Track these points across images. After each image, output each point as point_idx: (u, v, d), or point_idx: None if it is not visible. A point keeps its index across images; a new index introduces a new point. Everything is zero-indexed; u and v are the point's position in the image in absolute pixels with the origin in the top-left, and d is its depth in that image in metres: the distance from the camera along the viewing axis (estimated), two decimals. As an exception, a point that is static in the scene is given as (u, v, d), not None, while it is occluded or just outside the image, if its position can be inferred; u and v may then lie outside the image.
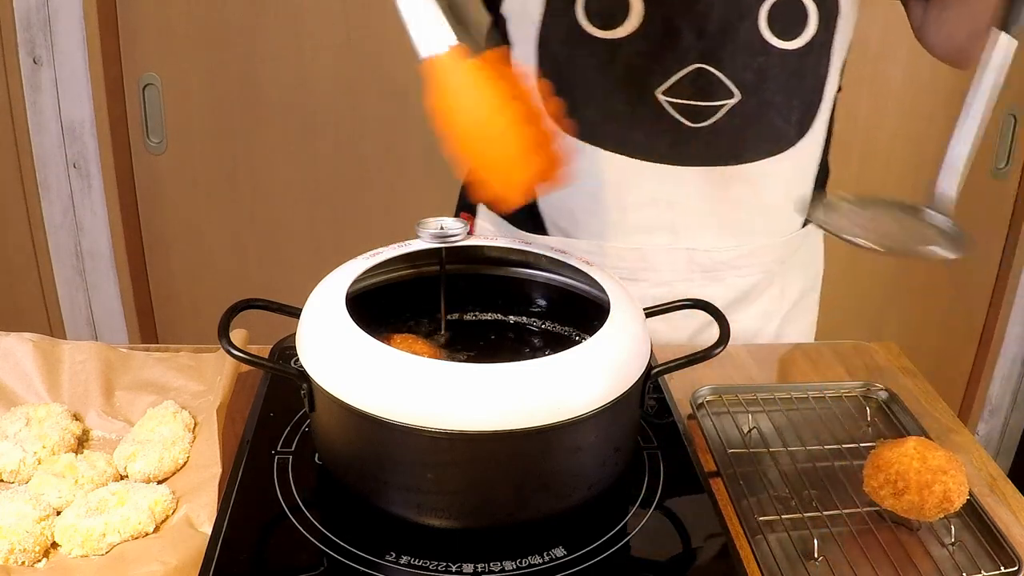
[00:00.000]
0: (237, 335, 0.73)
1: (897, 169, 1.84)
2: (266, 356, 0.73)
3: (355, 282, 0.62)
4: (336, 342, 0.56)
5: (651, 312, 0.66)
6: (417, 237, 0.66)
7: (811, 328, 1.05)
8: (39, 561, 0.57)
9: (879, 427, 0.77)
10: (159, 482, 0.64)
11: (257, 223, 1.79)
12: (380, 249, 0.66)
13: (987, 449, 0.94)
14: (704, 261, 0.89)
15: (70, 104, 1.63)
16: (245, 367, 0.73)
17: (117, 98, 1.67)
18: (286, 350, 0.77)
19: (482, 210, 0.96)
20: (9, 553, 0.55)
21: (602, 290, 0.63)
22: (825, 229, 0.65)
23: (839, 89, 0.92)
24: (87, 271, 1.78)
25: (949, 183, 0.65)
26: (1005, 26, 0.62)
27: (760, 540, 0.62)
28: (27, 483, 0.63)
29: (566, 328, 0.72)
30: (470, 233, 0.66)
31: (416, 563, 0.56)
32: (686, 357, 0.62)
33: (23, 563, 0.56)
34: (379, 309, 0.67)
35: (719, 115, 0.81)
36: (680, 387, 0.79)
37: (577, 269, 0.67)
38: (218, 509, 0.60)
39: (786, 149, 0.86)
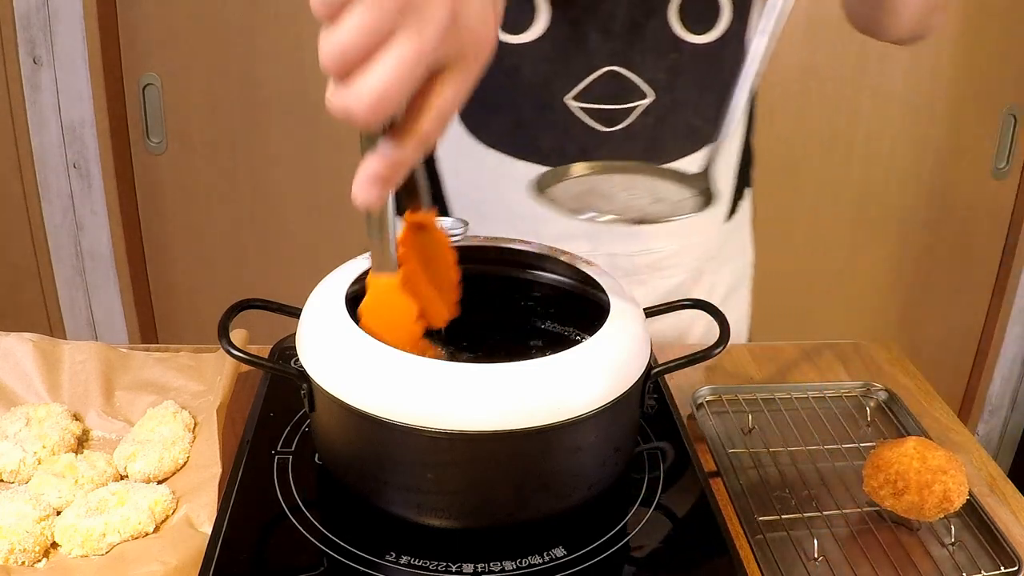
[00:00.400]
0: (237, 335, 0.73)
1: (898, 170, 1.85)
2: (266, 356, 0.73)
3: (355, 282, 0.62)
4: (336, 342, 0.56)
5: (651, 312, 0.66)
6: None
7: (744, 324, 1.02)
8: (39, 561, 0.57)
9: (879, 427, 0.77)
10: (159, 482, 0.64)
11: (257, 223, 1.79)
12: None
13: (987, 449, 0.94)
14: (627, 266, 0.87)
15: (70, 104, 1.63)
16: (245, 367, 0.73)
17: (117, 98, 1.67)
18: (286, 350, 0.77)
19: None
20: (9, 553, 0.55)
21: (602, 290, 0.63)
22: (551, 208, 0.58)
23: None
24: (87, 271, 1.78)
25: (723, 131, 0.61)
26: None
27: (760, 540, 0.62)
28: (27, 483, 0.63)
29: (566, 328, 0.72)
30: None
31: (416, 563, 0.56)
32: (686, 357, 0.62)
33: (23, 563, 0.56)
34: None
35: (632, 117, 0.79)
36: (680, 387, 0.79)
37: (577, 269, 0.67)
38: (218, 509, 0.60)
39: (704, 145, 0.83)
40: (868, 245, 1.92)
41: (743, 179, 0.94)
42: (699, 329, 0.96)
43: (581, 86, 0.78)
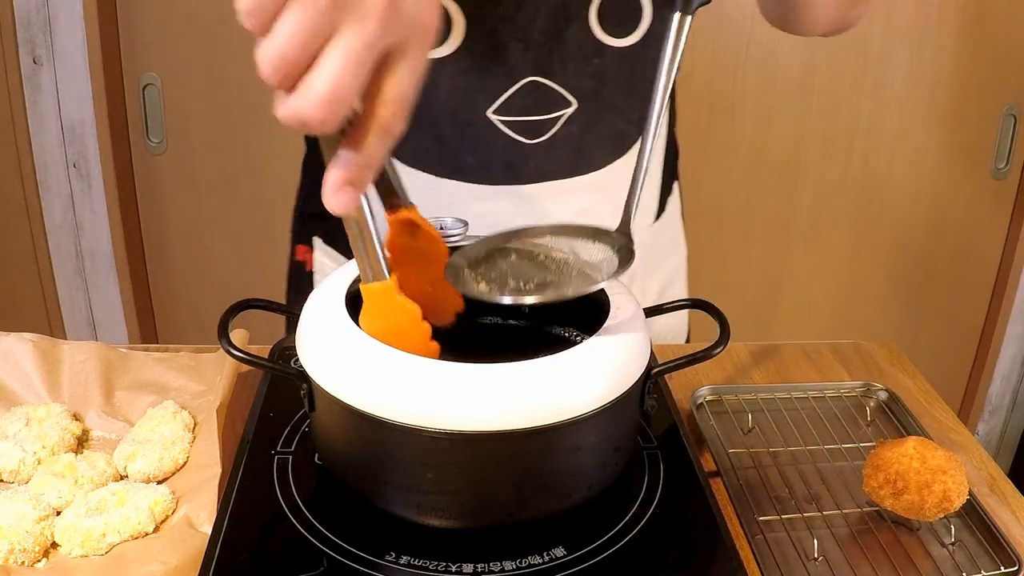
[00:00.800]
0: (237, 335, 0.73)
1: (898, 170, 1.85)
2: (266, 356, 0.73)
3: (355, 282, 0.62)
4: (336, 342, 0.56)
5: (651, 312, 0.66)
6: None
7: (682, 323, 1.00)
8: (39, 561, 0.57)
9: (879, 427, 0.77)
10: (159, 482, 0.64)
11: (257, 223, 1.79)
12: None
13: (987, 449, 0.94)
14: None
15: (70, 104, 1.63)
16: (245, 367, 0.73)
17: (117, 98, 1.67)
18: (286, 350, 0.77)
19: (318, 243, 0.92)
20: (9, 553, 0.55)
21: (602, 290, 0.63)
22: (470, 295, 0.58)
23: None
24: (87, 271, 1.78)
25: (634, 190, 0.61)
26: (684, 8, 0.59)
27: (760, 540, 0.62)
28: (27, 483, 0.63)
29: (566, 328, 0.72)
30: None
31: (416, 563, 0.56)
32: (686, 357, 0.62)
33: (23, 563, 0.56)
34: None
35: (557, 127, 0.77)
36: (680, 387, 0.79)
37: (577, 269, 0.67)
38: (218, 509, 0.60)
39: (629, 148, 0.82)
40: (868, 245, 1.92)
41: (670, 174, 0.92)
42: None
43: (502, 99, 0.75)
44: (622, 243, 0.59)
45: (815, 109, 1.77)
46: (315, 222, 0.93)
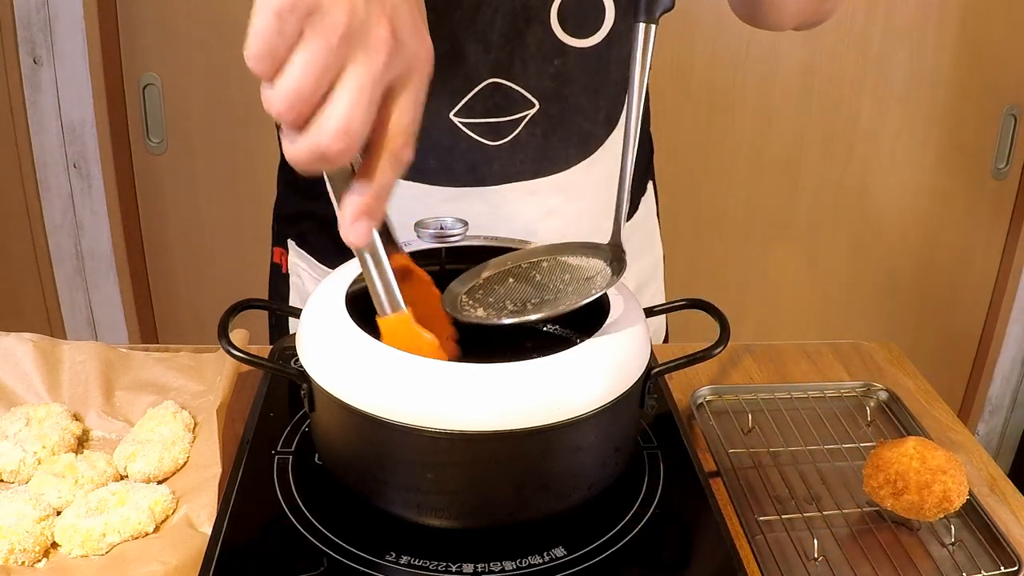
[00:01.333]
0: (237, 335, 0.73)
1: (898, 169, 1.85)
2: (266, 356, 0.73)
3: (355, 282, 0.62)
4: (336, 342, 0.56)
5: (651, 312, 0.66)
6: (417, 237, 0.66)
7: (659, 323, 1.00)
8: (39, 561, 0.57)
9: (879, 427, 0.77)
10: (159, 482, 0.64)
11: (257, 223, 1.79)
12: (380, 250, 0.66)
13: (987, 449, 0.94)
14: None
15: (70, 104, 1.63)
16: (245, 367, 0.73)
17: (117, 98, 1.67)
18: (286, 350, 0.77)
19: (292, 245, 0.93)
20: (9, 553, 0.55)
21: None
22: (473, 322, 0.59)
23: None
24: (87, 271, 1.78)
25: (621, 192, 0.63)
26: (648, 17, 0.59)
27: (760, 540, 0.62)
28: (27, 483, 0.63)
29: (566, 328, 0.72)
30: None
31: (416, 563, 0.56)
32: (686, 357, 0.62)
33: (23, 563, 0.56)
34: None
35: (519, 129, 0.77)
36: (680, 387, 0.79)
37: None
38: (218, 509, 0.60)
39: (596, 149, 0.82)
40: (868, 245, 1.92)
41: (642, 174, 0.91)
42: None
43: (463, 102, 0.75)
44: (615, 255, 0.61)
45: (815, 109, 1.77)
46: (288, 224, 0.95)
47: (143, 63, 1.66)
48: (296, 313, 0.62)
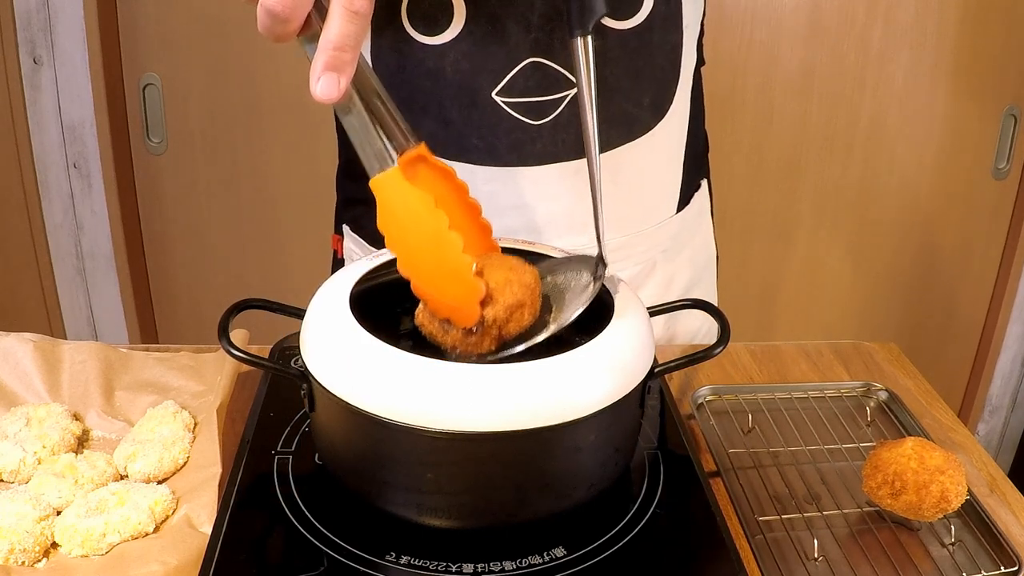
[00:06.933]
0: (237, 335, 0.73)
1: (898, 170, 1.85)
2: (266, 356, 0.73)
3: (359, 283, 0.62)
4: (337, 342, 0.56)
5: (652, 312, 0.66)
6: None
7: (710, 323, 0.99)
8: (39, 561, 0.57)
9: (879, 427, 0.77)
10: (159, 482, 0.64)
11: (257, 223, 1.79)
12: (383, 250, 0.66)
13: (987, 449, 0.94)
14: None
15: (70, 104, 1.63)
16: (245, 367, 0.73)
17: (117, 98, 1.67)
18: (286, 350, 0.77)
19: (347, 231, 0.93)
20: (9, 553, 0.55)
21: (606, 290, 0.63)
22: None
23: (702, 63, 0.89)
24: (87, 271, 1.78)
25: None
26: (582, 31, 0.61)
27: (760, 540, 0.62)
28: (27, 483, 0.63)
29: (568, 329, 0.72)
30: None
31: (416, 563, 0.56)
32: (686, 357, 0.62)
33: (23, 563, 0.56)
34: (383, 310, 0.66)
35: (561, 108, 0.77)
36: (680, 387, 0.79)
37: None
38: (218, 509, 0.60)
39: (642, 134, 0.81)
40: (868, 245, 1.92)
41: (696, 169, 0.91)
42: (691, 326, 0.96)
43: (504, 80, 0.76)
44: (598, 267, 0.62)
45: (815, 109, 1.77)
46: (344, 210, 0.95)
47: (143, 63, 1.66)
48: (298, 313, 0.62)
